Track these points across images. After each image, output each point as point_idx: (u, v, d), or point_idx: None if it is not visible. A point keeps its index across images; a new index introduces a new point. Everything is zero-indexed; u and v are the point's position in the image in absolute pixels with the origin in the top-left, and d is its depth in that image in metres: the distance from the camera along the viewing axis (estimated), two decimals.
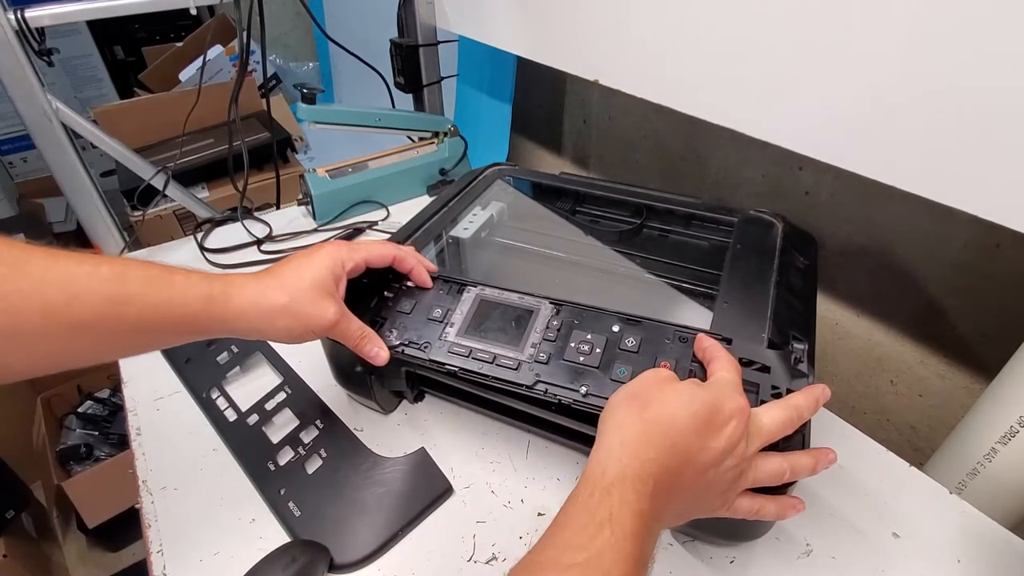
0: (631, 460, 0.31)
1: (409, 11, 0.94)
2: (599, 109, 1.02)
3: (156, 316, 0.35)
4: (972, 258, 0.61)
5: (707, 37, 0.58)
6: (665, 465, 0.32)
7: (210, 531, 0.46)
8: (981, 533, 0.45)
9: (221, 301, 0.38)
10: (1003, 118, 0.40)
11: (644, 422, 0.33)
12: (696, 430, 0.33)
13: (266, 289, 0.40)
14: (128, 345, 0.37)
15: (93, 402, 1.39)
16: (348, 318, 0.43)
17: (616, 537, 0.28)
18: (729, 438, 0.33)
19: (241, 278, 0.40)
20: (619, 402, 0.35)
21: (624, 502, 0.30)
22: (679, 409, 0.33)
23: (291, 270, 0.42)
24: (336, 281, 0.44)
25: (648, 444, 0.32)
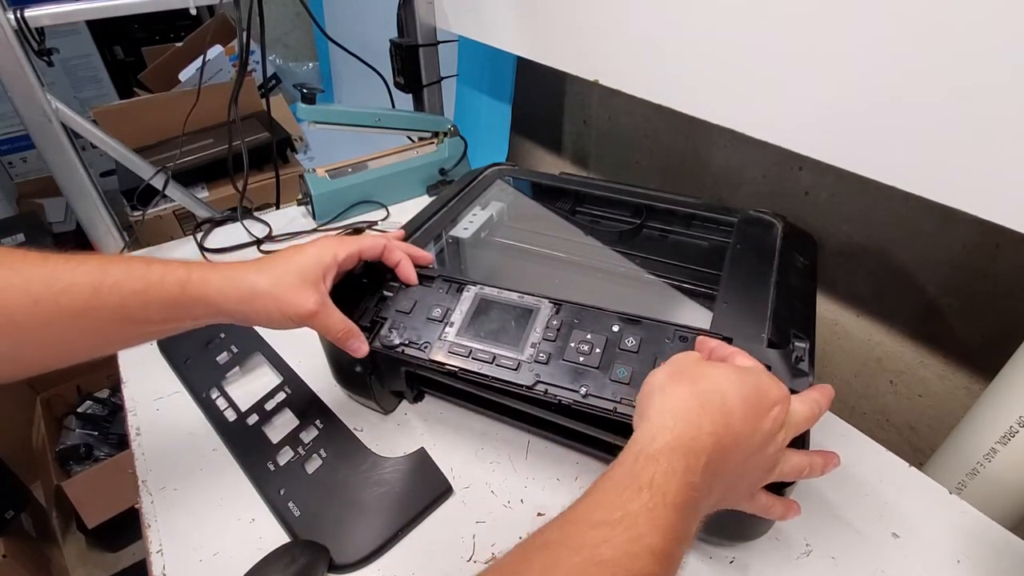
0: (685, 429, 0.30)
1: (409, 11, 0.94)
2: (599, 109, 1.02)
3: (139, 302, 0.37)
4: (972, 258, 0.61)
5: (707, 37, 0.58)
6: (719, 441, 0.30)
7: (210, 531, 0.46)
8: (981, 533, 0.45)
9: (200, 283, 0.39)
10: (1003, 118, 0.40)
11: (697, 395, 0.32)
12: (748, 411, 0.32)
13: (246, 273, 0.41)
14: (118, 334, 0.39)
15: (93, 402, 1.39)
16: (328, 311, 0.43)
17: (656, 503, 0.27)
18: (774, 423, 0.33)
19: (223, 264, 0.42)
20: (663, 380, 0.34)
21: (672, 471, 0.28)
22: (731, 387, 0.32)
23: (279, 257, 0.43)
24: (324, 272, 0.43)
25: (704, 417, 0.31)
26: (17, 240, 1.46)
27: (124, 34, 1.87)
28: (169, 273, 0.38)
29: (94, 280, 0.36)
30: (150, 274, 0.38)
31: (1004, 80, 0.39)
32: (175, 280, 0.38)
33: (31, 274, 0.35)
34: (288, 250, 0.44)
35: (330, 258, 0.44)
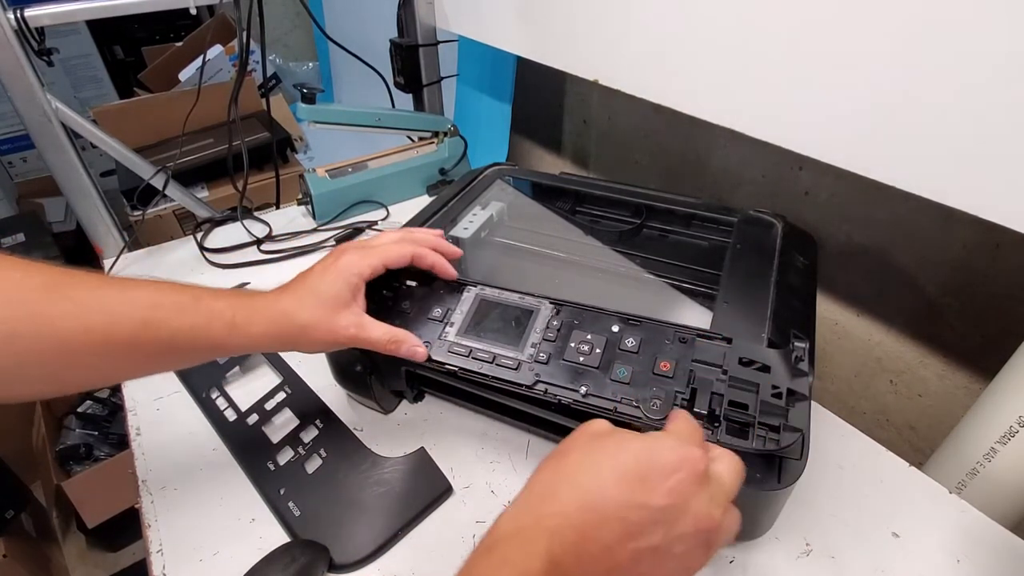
0: (526, 516, 0.27)
1: (409, 11, 0.94)
2: (599, 109, 1.02)
3: (185, 340, 0.38)
4: (972, 258, 0.61)
5: (707, 37, 0.58)
6: (573, 523, 0.26)
7: (210, 531, 0.46)
8: (981, 533, 0.45)
9: (243, 328, 0.40)
10: (1003, 118, 0.40)
11: (554, 474, 0.29)
12: (621, 483, 0.27)
13: (285, 312, 0.41)
14: (162, 363, 0.41)
15: (93, 402, 1.39)
16: (368, 327, 0.43)
17: None
18: (672, 495, 0.27)
19: (263, 301, 0.41)
20: (546, 457, 0.31)
21: (504, 562, 0.26)
22: (602, 460, 0.28)
23: (308, 289, 0.43)
24: (353, 292, 0.43)
25: (551, 498, 0.27)
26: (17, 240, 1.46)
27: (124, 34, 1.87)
28: (216, 316, 0.39)
29: (145, 314, 0.37)
30: (197, 315, 0.38)
31: (1004, 80, 0.39)
32: (222, 323, 0.39)
33: (85, 302, 0.36)
34: (313, 276, 0.44)
35: (356, 278, 0.43)
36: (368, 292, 0.50)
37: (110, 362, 0.38)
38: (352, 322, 0.42)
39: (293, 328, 0.41)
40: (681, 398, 0.39)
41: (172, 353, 0.39)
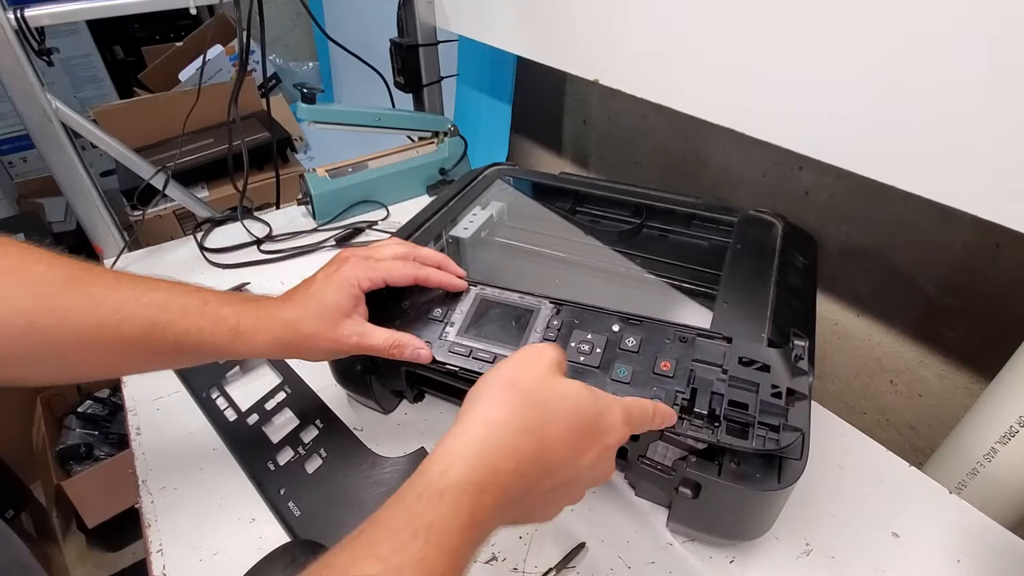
0: (482, 465, 0.27)
1: (409, 11, 0.94)
2: (599, 109, 1.02)
3: (190, 343, 0.39)
4: (972, 258, 0.61)
5: (707, 37, 0.58)
6: (522, 476, 0.27)
7: (210, 531, 0.46)
8: (981, 533, 0.45)
9: (247, 335, 0.40)
10: (1003, 118, 0.40)
11: (517, 424, 0.28)
12: (570, 442, 0.29)
13: (289, 322, 0.41)
14: (168, 362, 0.42)
15: (93, 402, 1.39)
16: (370, 335, 0.43)
17: (429, 551, 0.24)
18: (596, 459, 0.30)
19: (267, 309, 0.42)
20: (494, 385, 0.30)
21: (455, 512, 0.25)
22: (559, 417, 0.29)
23: (311, 298, 0.43)
24: (355, 302, 0.43)
25: (511, 452, 0.27)
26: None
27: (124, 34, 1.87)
28: (221, 322, 0.40)
29: (153, 315, 0.38)
30: (203, 320, 0.39)
31: (1004, 79, 0.39)
32: (226, 329, 0.40)
33: (100, 298, 0.37)
34: (316, 284, 0.44)
35: (356, 288, 0.43)
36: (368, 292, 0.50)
37: (119, 357, 0.39)
38: (354, 331, 0.42)
39: (297, 338, 0.41)
40: (681, 397, 0.39)
41: (177, 353, 0.40)
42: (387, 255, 0.46)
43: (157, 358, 0.40)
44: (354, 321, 0.43)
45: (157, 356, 0.40)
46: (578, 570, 0.43)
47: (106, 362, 0.39)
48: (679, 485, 0.40)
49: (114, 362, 0.40)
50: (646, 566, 0.44)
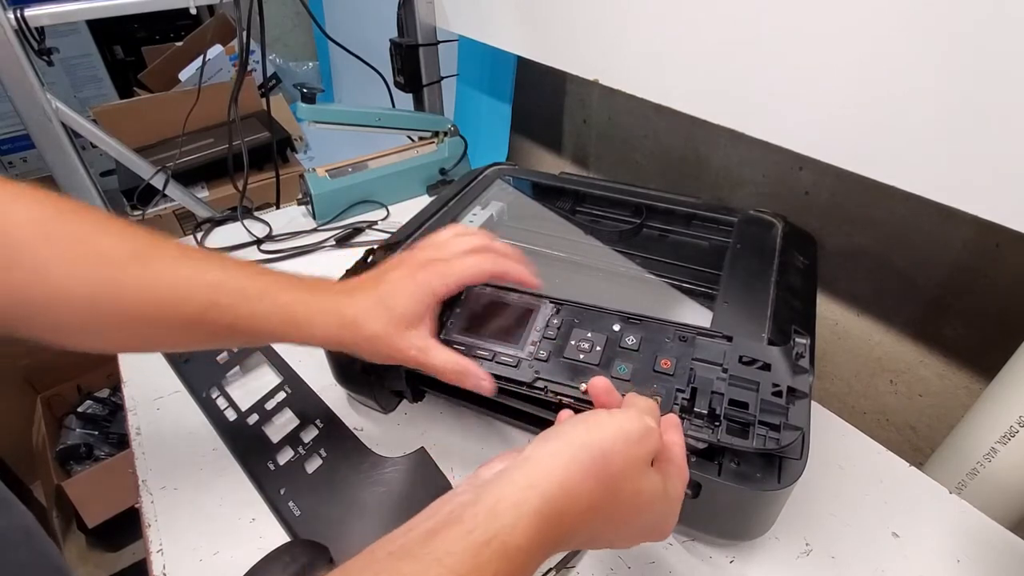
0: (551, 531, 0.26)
1: (409, 11, 0.94)
2: (599, 109, 1.02)
3: (245, 327, 0.39)
4: (972, 258, 0.61)
5: (707, 37, 0.58)
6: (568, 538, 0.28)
7: (210, 531, 0.46)
8: (981, 533, 0.45)
9: (305, 326, 0.40)
10: (1003, 118, 0.40)
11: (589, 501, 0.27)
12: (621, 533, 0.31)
13: (353, 321, 0.40)
14: (225, 342, 0.42)
15: (93, 402, 1.39)
16: (432, 354, 0.41)
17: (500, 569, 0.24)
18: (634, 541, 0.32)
19: (330, 301, 0.40)
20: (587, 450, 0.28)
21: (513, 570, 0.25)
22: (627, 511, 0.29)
23: (379, 300, 0.41)
24: (425, 312, 0.41)
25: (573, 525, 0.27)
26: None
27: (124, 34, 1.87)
28: (278, 309, 0.39)
29: (211, 296, 0.38)
30: (260, 305, 0.39)
31: (1004, 79, 0.39)
32: (283, 318, 0.39)
33: (161, 276, 0.37)
34: (391, 283, 0.41)
35: (431, 298, 0.41)
36: None
37: (179, 334, 0.39)
38: (417, 345, 0.41)
39: (356, 338, 0.40)
40: (681, 397, 0.39)
41: (234, 335, 0.40)
42: (459, 250, 0.43)
43: (215, 338, 0.40)
44: (419, 334, 0.41)
45: (215, 336, 0.40)
46: (578, 570, 0.43)
47: (169, 337, 0.40)
48: None
49: (176, 338, 0.40)
50: (646, 566, 0.44)
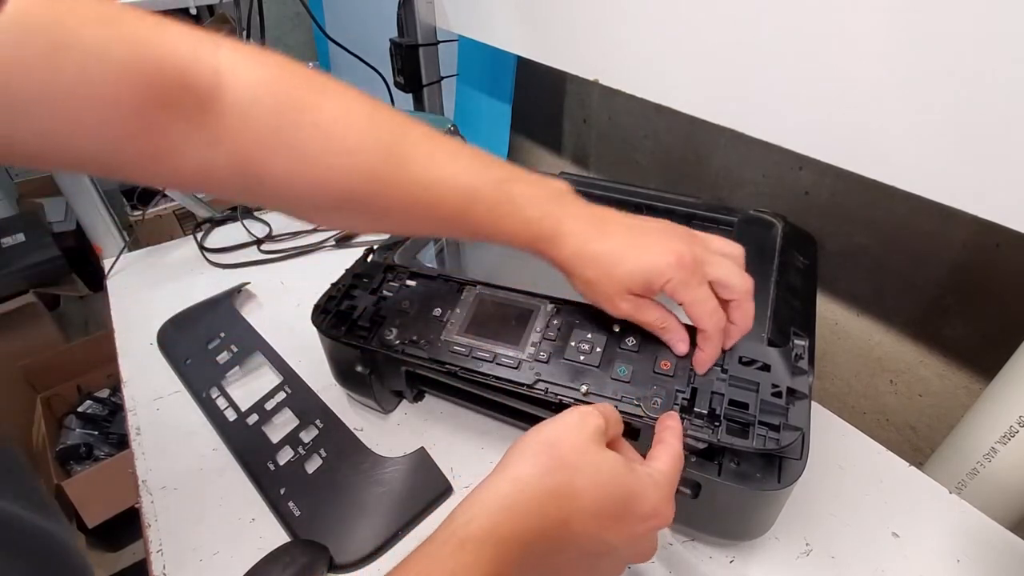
0: (507, 520, 0.27)
1: (409, 11, 0.94)
2: (599, 109, 1.02)
3: (487, 234, 0.39)
4: (972, 258, 0.61)
5: (707, 37, 0.58)
6: (546, 538, 0.27)
7: (210, 531, 0.46)
8: (981, 533, 0.45)
9: (542, 245, 0.39)
10: (1003, 118, 0.40)
11: (544, 486, 0.28)
12: (598, 517, 0.28)
13: (580, 254, 0.39)
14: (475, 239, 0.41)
15: (93, 402, 1.39)
16: (645, 311, 0.40)
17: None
18: (631, 538, 0.30)
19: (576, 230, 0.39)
20: (530, 445, 0.30)
21: (476, 562, 0.25)
22: (590, 488, 0.28)
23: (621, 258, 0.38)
24: (646, 289, 0.39)
25: (536, 512, 0.27)
26: (17, 240, 1.46)
27: None
28: (523, 226, 0.38)
29: (461, 203, 0.37)
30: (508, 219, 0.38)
31: (1004, 79, 0.39)
32: (527, 236, 0.39)
33: (415, 175, 0.36)
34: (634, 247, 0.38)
35: (658, 281, 0.38)
36: (368, 292, 0.50)
37: (432, 226, 0.40)
38: (632, 304, 0.39)
39: (579, 270, 0.39)
40: (682, 397, 0.39)
41: (475, 235, 0.40)
42: (721, 251, 0.41)
43: (464, 235, 0.40)
44: (637, 303, 0.39)
45: (463, 234, 0.40)
46: None
47: (422, 228, 0.41)
48: (679, 485, 0.40)
49: (429, 228, 0.42)
50: (646, 566, 0.44)
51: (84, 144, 0.29)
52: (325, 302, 0.51)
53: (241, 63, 0.32)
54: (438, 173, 0.37)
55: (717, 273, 0.39)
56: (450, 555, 0.25)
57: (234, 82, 0.32)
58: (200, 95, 0.31)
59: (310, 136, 0.34)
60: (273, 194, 0.35)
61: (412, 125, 0.37)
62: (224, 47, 0.32)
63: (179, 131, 0.31)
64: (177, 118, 0.31)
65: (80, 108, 0.27)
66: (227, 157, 0.33)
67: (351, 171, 0.35)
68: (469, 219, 0.38)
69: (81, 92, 0.27)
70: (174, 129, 0.31)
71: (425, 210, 0.37)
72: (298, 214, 0.39)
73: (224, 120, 0.32)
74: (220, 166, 0.33)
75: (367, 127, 0.35)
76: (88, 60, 0.27)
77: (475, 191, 0.37)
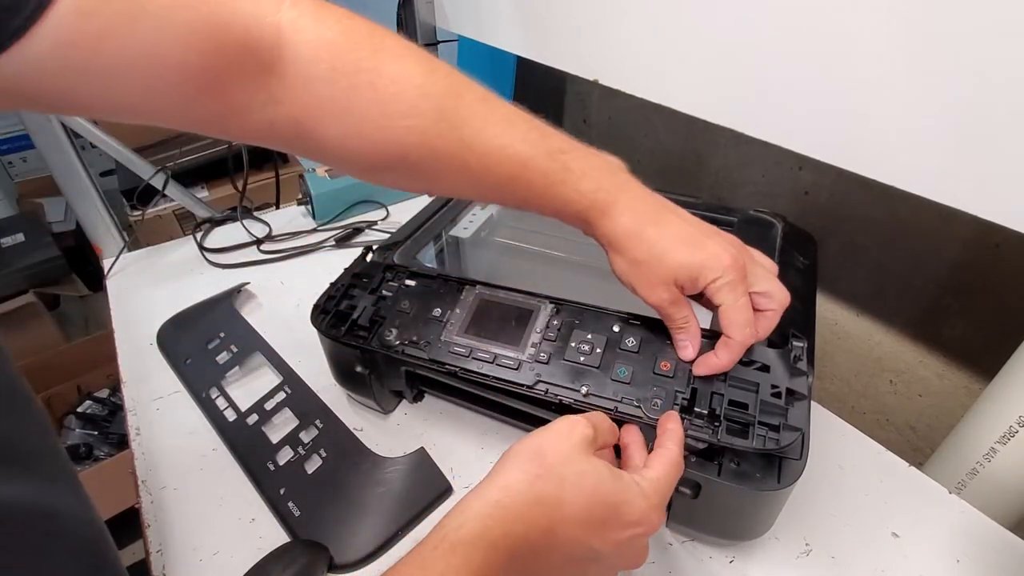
0: (496, 526, 0.28)
1: (409, 11, 0.94)
2: (599, 109, 1.02)
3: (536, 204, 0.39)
4: (972, 258, 0.61)
5: (707, 37, 0.58)
6: (532, 544, 0.28)
7: (210, 531, 0.46)
8: (981, 533, 0.45)
9: (591, 221, 0.39)
10: (1003, 118, 0.40)
11: (531, 495, 0.29)
12: (583, 525, 0.29)
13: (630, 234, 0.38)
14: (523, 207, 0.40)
15: (93, 402, 1.39)
16: (679, 305, 0.39)
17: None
18: (616, 545, 0.30)
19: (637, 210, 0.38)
20: (520, 453, 0.31)
21: (466, 564, 0.26)
22: (576, 496, 0.29)
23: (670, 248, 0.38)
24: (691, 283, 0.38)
25: (523, 519, 0.28)
26: (17, 240, 1.46)
27: None
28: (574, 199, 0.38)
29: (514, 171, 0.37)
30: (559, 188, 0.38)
31: (1004, 79, 0.39)
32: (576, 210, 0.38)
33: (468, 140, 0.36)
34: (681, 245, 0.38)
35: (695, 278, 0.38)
36: (368, 292, 0.50)
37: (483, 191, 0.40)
38: (667, 295, 0.39)
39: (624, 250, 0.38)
40: (682, 398, 0.39)
41: (526, 204, 0.39)
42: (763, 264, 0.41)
43: (514, 203, 0.40)
44: (676, 295, 0.39)
45: (513, 202, 0.40)
46: None
47: (473, 193, 0.40)
48: (679, 485, 0.40)
49: (480, 194, 0.40)
50: (646, 566, 0.44)
51: (159, 103, 0.31)
52: (324, 302, 0.51)
53: (303, 21, 0.32)
54: (492, 139, 0.36)
55: (763, 285, 0.39)
56: (441, 558, 0.26)
57: (295, 41, 0.32)
58: (262, 57, 0.31)
59: (365, 98, 0.34)
60: (329, 153, 0.36)
61: (468, 88, 0.37)
62: (287, 3, 0.32)
63: (243, 92, 0.32)
64: (241, 80, 0.31)
65: (153, 72, 0.29)
66: (286, 117, 0.33)
67: (404, 134, 0.35)
68: (520, 187, 0.38)
69: (154, 57, 0.28)
70: (239, 90, 0.32)
71: (477, 176, 0.37)
72: (353, 173, 0.39)
73: (285, 80, 0.32)
74: (280, 125, 0.34)
75: (422, 90, 0.35)
76: (159, 26, 0.28)
77: (529, 159, 0.37)
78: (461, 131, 0.36)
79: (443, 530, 0.28)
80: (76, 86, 0.28)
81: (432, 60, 0.36)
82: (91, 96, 0.29)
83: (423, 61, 0.36)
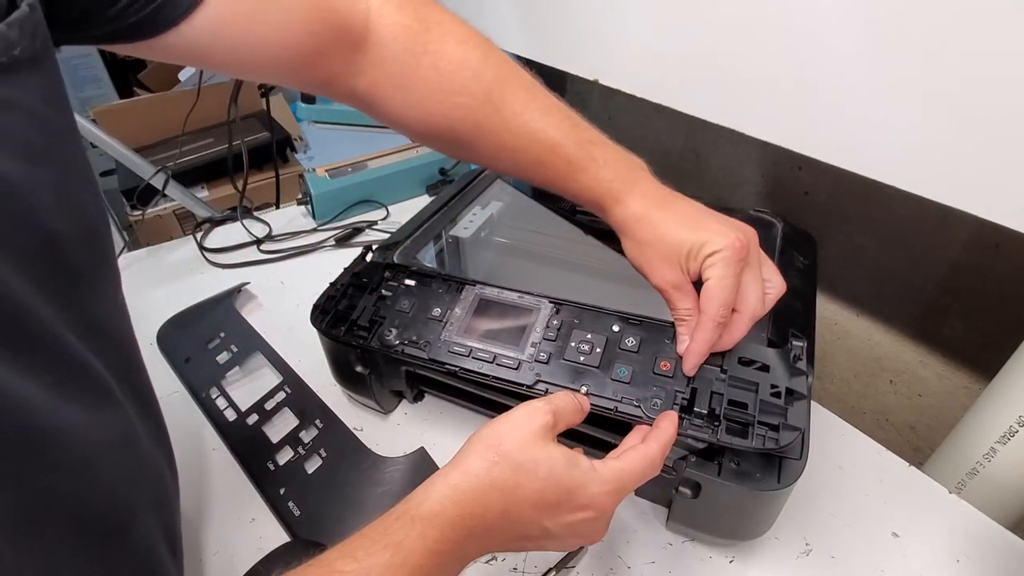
0: (452, 507, 0.30)
1: None
2: (599, 109, 1.02)
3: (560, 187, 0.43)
4: (972, 258, 0.61)
5: (707, 37, 0.58)
6: (487, 523, 0.31)
7: (210, 531, 0.46)
8: (980, 533, 0.45)
9: (606, 205, 0.42)
10: (1003, 118, 0.40)
11: (488, 479, 0.31)
12: (536, 507, 0.31)
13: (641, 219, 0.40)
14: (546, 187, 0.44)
15: None
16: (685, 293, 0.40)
17: (393, 562, 0.28)
18: (567, 525, 0.32)
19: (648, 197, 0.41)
20: (481, 440, 0.33)
21: (423, 536, 0.29)
22: (529, 482, 0.31)
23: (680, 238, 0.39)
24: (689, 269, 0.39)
25: (479, 502, 0.30)
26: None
27: None
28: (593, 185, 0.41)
29: (543, 155, 0.41)
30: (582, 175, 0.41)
31: (1004, 79, 0.39)
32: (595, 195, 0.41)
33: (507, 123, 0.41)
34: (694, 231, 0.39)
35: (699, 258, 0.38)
36: (368, 291, 0.50)
37: (516, 169, 0.43)
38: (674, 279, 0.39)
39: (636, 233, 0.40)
40: (681, 397, 0.39)
41: (551, 184, 0.43)
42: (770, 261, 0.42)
43: (541, 182, 0.43)
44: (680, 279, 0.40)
45: (541, 181, 0.43)
46: (578, 570, 0.43)
47: (508, 168, 0.44)
48: (679, 485, 0.40)
49: (513, 170, 0.44)
50: (646, 566, 0.44)
51: (278, 69, 0.39)
52: (324, 302, 0.51)
53: (387, 8, 0.39)
54: (527, 123, 0.41)
55: (765, 272, 0.41)
56: (401, 528, 0.29)
57: (379, 23, 0.39)
58: (353, 37, 0.39)
59: (426, 78, 0.40)
60: (391, 120, 0.43)
61: (515, 75, 0.42)
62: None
63: (337, 64, 0.39)
64: (336, 55, 0.39)
65: (278, 45, 0.37)
66: (365, 87, 0.41)
67: (453, 111, 0.40)
68: (547, 169, 0.41)
69: (280, 34, 0.37)
70: (333, 63, 0.39)
71: (511, 154, 0.42)
72: (410, 138, 0.45)
73: (367, 56, 0.40)
74: (360, 93, 0.41)
75: (475, 72, 0.40)
76: (287, 8, 0.36)
77: (558, 145, 0.41)
78: (502, 113, 0.41)
79: (407, 504, 0.31)
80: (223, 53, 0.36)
81: (489, 48, 0.42)
82: (237, 60, 0.37)
83: (481, 47, 0.41)
